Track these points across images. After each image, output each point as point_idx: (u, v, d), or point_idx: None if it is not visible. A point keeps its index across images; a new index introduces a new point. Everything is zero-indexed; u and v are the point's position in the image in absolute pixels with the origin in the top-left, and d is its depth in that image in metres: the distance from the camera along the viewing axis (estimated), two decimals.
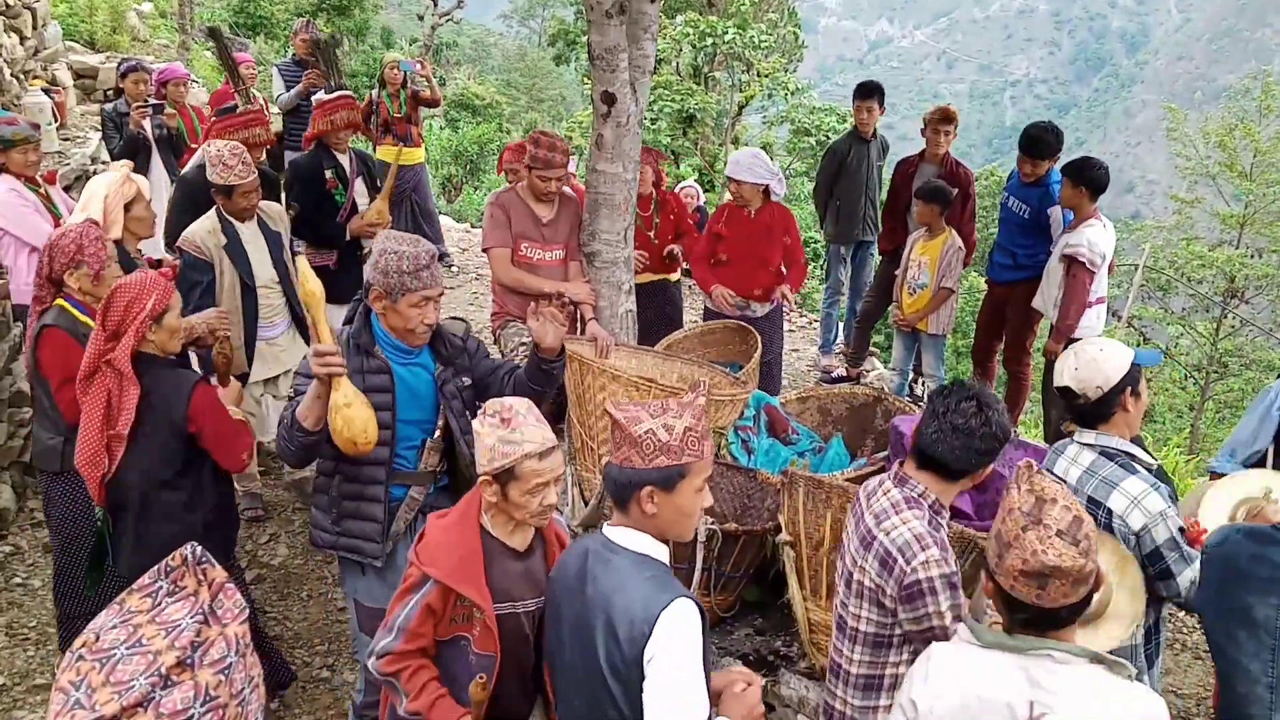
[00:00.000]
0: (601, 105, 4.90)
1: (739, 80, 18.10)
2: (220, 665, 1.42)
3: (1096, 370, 3.13)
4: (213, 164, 4.89)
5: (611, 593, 2.28)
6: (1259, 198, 18.47)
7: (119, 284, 3.44)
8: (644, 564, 2.32)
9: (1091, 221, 5.51)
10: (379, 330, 3.34)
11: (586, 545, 2.45)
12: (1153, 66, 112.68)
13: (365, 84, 18.39)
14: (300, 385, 3.24)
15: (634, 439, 2.28)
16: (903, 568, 2.61)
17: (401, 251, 3.21)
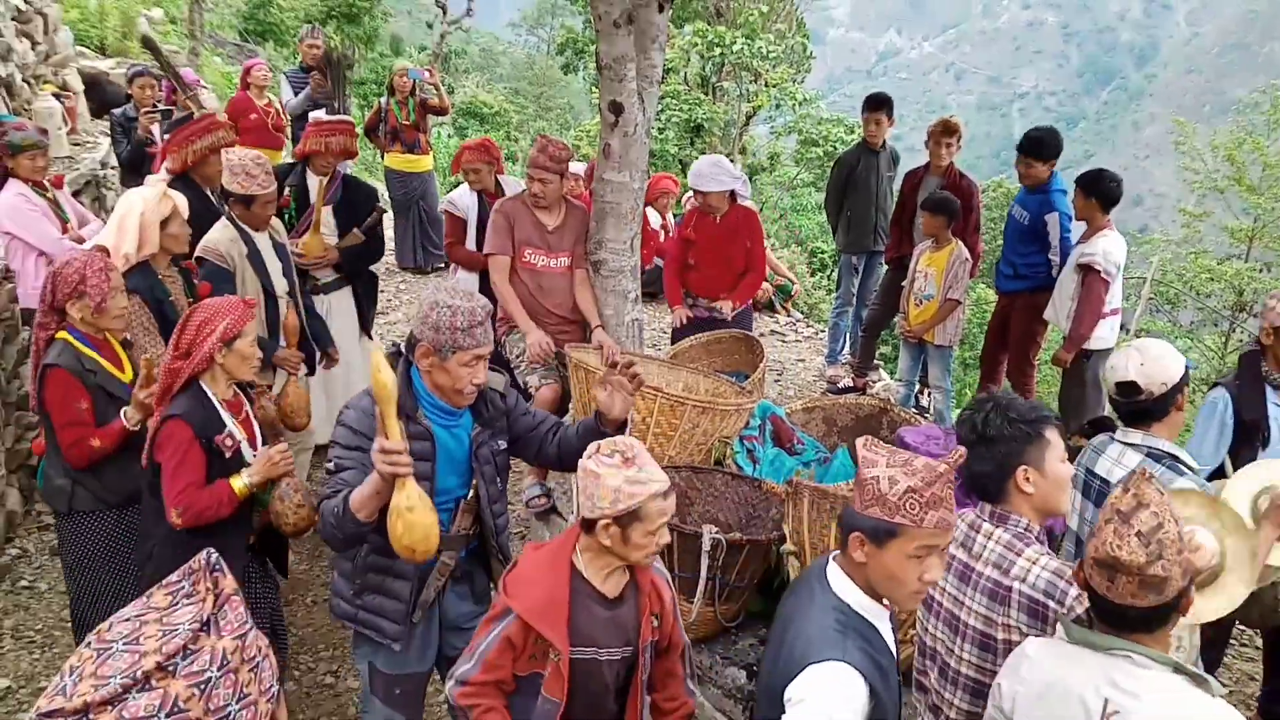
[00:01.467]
0: (609, 114, 4.91)
1: (747, 90, 18.14)
2: (197, 679, 1.39)
3: (1163, 367, 3.13)
4: (234, 173, 4.84)
5: (795, 617, 2.30)
6: (1268, 212, 18.41)
7: (196, 307, 3.40)
8: (836, 610, 2.25)
9: (1105, 232, 5.53)
10: (421, 390, 3.08)
11: (821, 562, 2.41)
12: (1161, 79, 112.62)
13: (374, 91, 18.48)
14: (343, 460, 2.95)
15: (860, 480, 2.24)
16: (1056, 609, 2.47)
17: (455, 306, 2.92)
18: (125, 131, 7.50)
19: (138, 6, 13.47)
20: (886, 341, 9.98)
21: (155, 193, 4.38)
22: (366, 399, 2.95)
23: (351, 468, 2.90)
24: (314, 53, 8.80)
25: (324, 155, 5.75)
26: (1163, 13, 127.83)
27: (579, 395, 4.74)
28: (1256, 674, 4.61)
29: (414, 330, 2.99)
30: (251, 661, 1.48)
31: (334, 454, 2.97)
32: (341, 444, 2.97)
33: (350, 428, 2.99)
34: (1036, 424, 2.60)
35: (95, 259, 3.81)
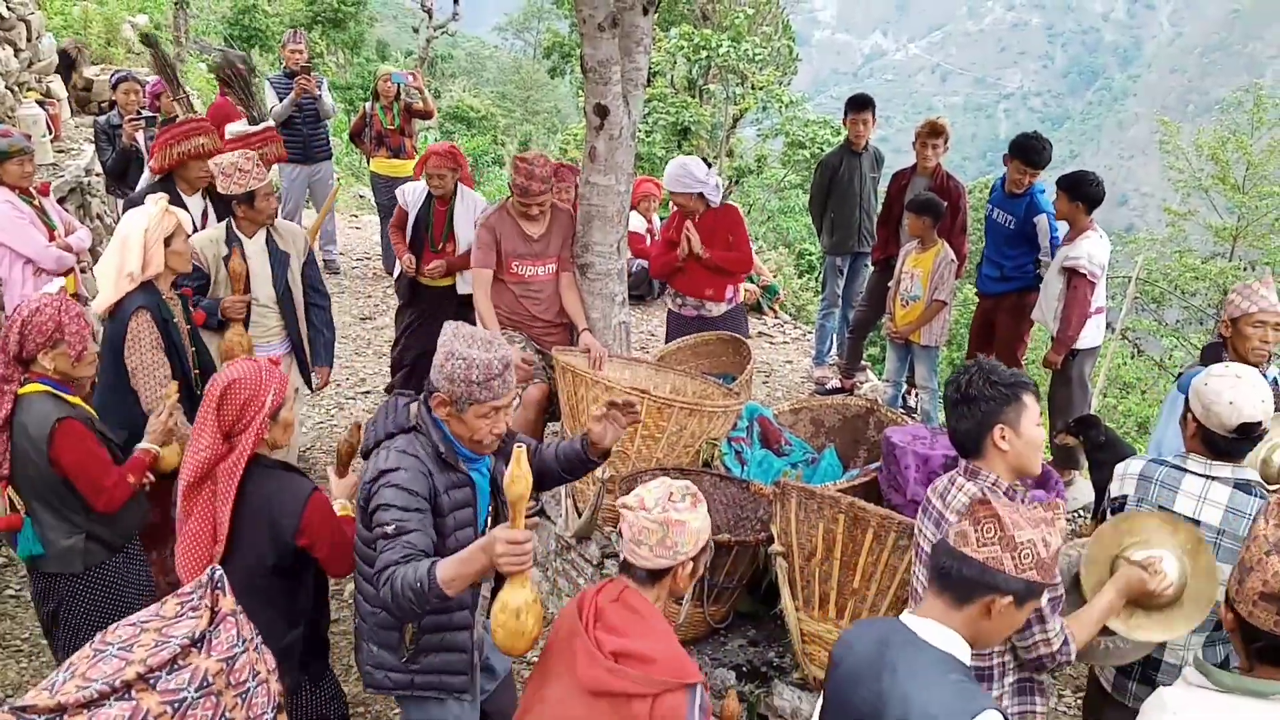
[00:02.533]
0: (594, 118, 4.92)
1: (733, 93, 18.18)
2: (172, 696, 1.38)
3: (1268, 394, 3.03)
4: (227, 175, 4.83)
5: (913, 690, 2.08)
6: (1251, 210, 18.53)
7: (235, 379, 3.01)
8: (949, 664, 2.14)
9: (1089, 233, 5.54)
10: (450, 437, 2.92)
11: (882, 632, 2.26)
12: (1145, 80, 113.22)
13: (360, 96, 18.46)
14: (404, 522, 2.70)
15: (1014, 544, 2.13)
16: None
17: (471, 358, 2.76)
18: (110, 138, 7.47)
19: (122, 13, 13.42)
20: (874, 342, 10.01)
21: (158, 210, 4.24)
22: (411, 459, 2.81)
23: (416, 529, 2.70)
24: (297, 57, 8.78)
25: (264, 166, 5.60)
26: (1146, 13, 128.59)
27: (566, 397, 4.74)
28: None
29: (430, 377, 2.84)
30: (240, 686, 1.46)
31: (390, 516, 2.71)
32: (398, 506, 2.73)
33: (404, 488, 2.76)
34: (1015, 387, 2.75)
35: (68, 303, 3.55)
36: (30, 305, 3.49)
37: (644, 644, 2.39)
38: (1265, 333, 3.98)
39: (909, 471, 4.09)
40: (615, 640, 2.40)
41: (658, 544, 2.44)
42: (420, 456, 2.83)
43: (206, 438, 2.98)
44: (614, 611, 2.46)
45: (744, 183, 18.86)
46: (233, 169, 4.83)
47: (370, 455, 2.95)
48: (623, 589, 2.50)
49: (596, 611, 2.47)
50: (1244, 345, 4.02)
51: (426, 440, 2.87)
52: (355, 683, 4.56)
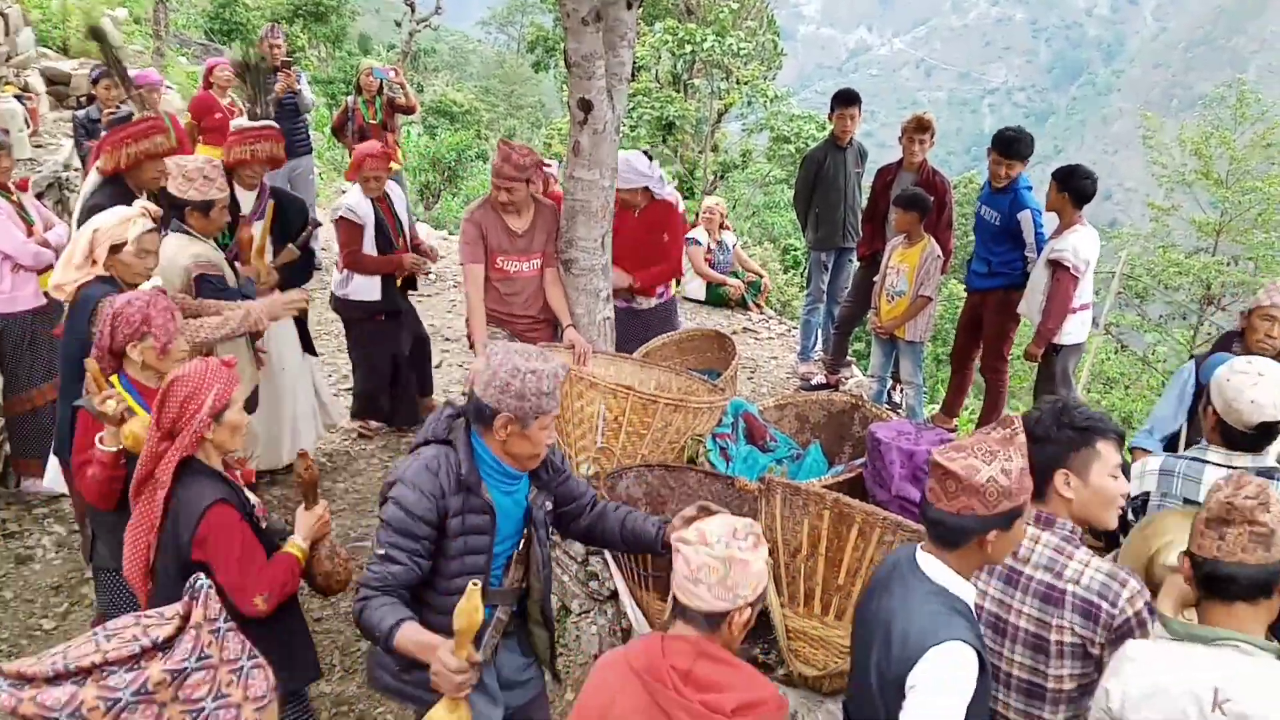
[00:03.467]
0: (578, 112, 4.89)
1: (718, 88, 18.16)
2: (107, 694, 1.36)
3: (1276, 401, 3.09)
4: (189, 179, 4.65)
5: (900, 609, 2.37)
6: (1235, 205, 18.64)
7: (177, 376, 2.97)
8: (939, 596, 2.36)
9: (1076, 227, 5.56)
10: (486, 459, 2.84)
11: (900, 556, 2.52)
12: (1129, 74, 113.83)
13: (342, 90, 18.37)
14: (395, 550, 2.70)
15: (976, 488, 2.29)
16: (1109, 611, 2.52)
17: (540, 371, 2.73)
18: (89, 133, 7.40)
19: (101, 6, 13.32)
20: (859, 338, 10.02)
21: (118, 216, 4.11)
22: (429, 477, 2.75)
23: (402, 563, 2.68)
24: (276, 52, 8.72)
25: (251, 164, 5.46)
26: (1130, 8, 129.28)
27: None
28: None
29: (489, 401, 2.73)
30: (192, 703, 1.42)
31: (384, 537, 2.71)
32: (395, 528, 2.71)
33: (407, 510, 2.72)
34: (1087, 432, 2.64)
35: (158, 298, 3.57)
36: (122, 298, 3.55)
37: (750, 690, 2.29)
38: (1273, 327, 4.10)
39: (894, 467, 4.08)
40: (724, 697, 2.26)
41: (717, 583, 2.28)
42: (440, 473, 2.77)
43: (150, 435, 2.98)
44: (703, 669, 2.29)
45: (729, 178, 18.86)
46: (197, 174, 4.65)
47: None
48: (695, 644, 2.31)
49: (682, 676, 2.28)
50: (1251, 336, 4.17)
51: (454, 458, 2.80)
52: (339, 681, 4.54)
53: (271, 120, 5.87)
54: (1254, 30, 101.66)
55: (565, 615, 4.95)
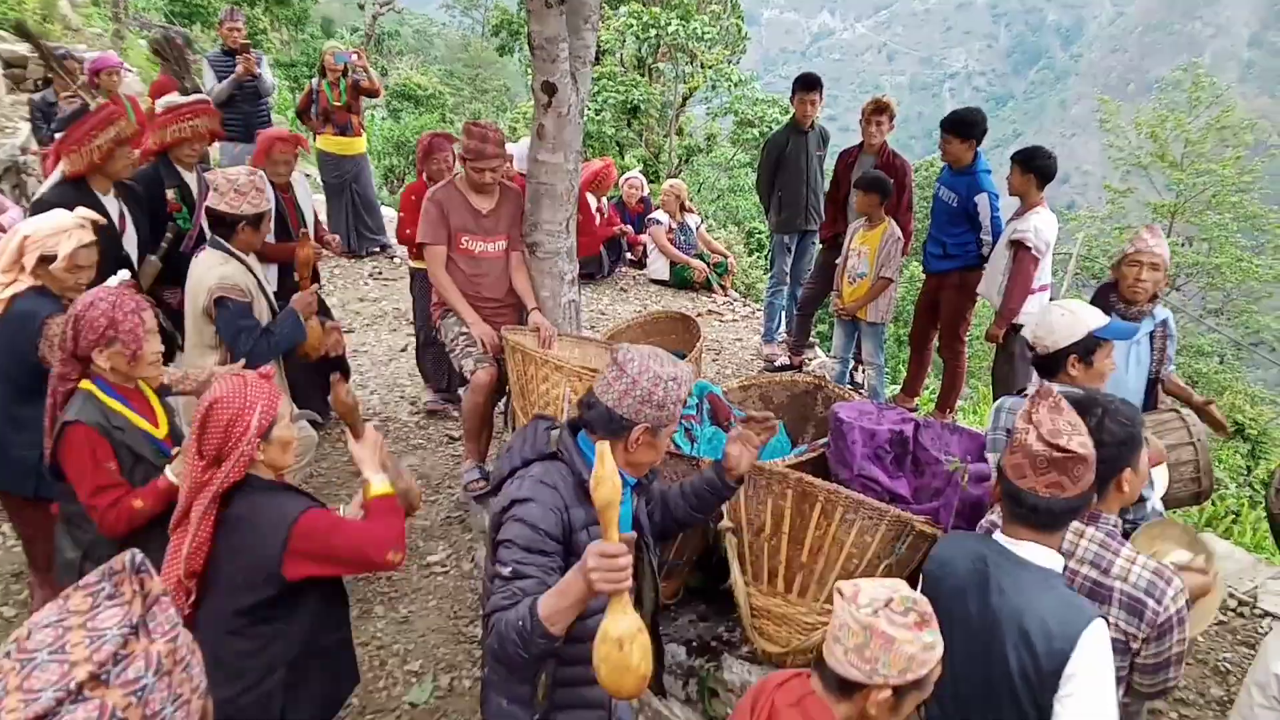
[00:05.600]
0: (542, 95, 4.89)
1: (683, 72, 18.16)
2: (134, 686, 1.35)
3: (1050, 329, 3.40)
4: (242, 192, 4.33)
5: (1025, 604, 2.32)
6: (1189, 187, 18.94)
7: (216, 398, 2.69)
8: (1054, 579, 2.38)
9: (1038, 209, 5.63)
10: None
11: (979, 550, 2.46)
12: (1087, 59, 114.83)
13: (305, 74, 18.17)
14: (524, 565, 2.42)
15: (1091, 461, 2.33)
16: (1155, 609, 2.51)
17: (680, 378, 2.58)
18: (45, 117, 7.30)
19: None
20: (822, 320, 10.10)
21: (53, 224, 3.82)
22: (548, 491, 2.54)
23: (533, 576, 2.41)
24: (235, 35, 8.62)
25: (191, 142, 5.26)
26: None
27: (515, 377, 4.74)
28: None
29: (626, 413, 2.54)
30: (183, 662, 1.44)
31: (509, 555, 2.45)
32: (520, 545, 2.45)
33: (532, 526, 2.47)
34: (1138, 426, 2.71)
35: (125, 297, 3.27)
36: (85, 300, 3.24)
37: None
38: (1140, 271, 4.36)
39: (856, 447, 4.14)
40: None
41: (854, 650, 2.06)
42: (559, 488, 2.56)
43: (190, 464, 2.70)
44: (788, 717, 2.17)
45: (694, 161, 18.88)
46: (249, 186, 4.36)
47: (502, 484, 2.69)
48: (805, 694, 2.17)
49: (771, 712, 2.19)
50: (1122, 283, 4.43)
51: (569, 470, 2.60)
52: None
53: (202, 95, 5.76)
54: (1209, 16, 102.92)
55: None
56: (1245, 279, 18.37)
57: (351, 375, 6.77)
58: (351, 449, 3.04)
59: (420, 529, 5.58)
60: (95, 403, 3.24)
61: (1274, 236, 19.15)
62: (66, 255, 3.80)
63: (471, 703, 4.41)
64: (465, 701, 4.42)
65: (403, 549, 2.84)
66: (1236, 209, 18.85)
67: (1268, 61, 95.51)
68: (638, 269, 10.10)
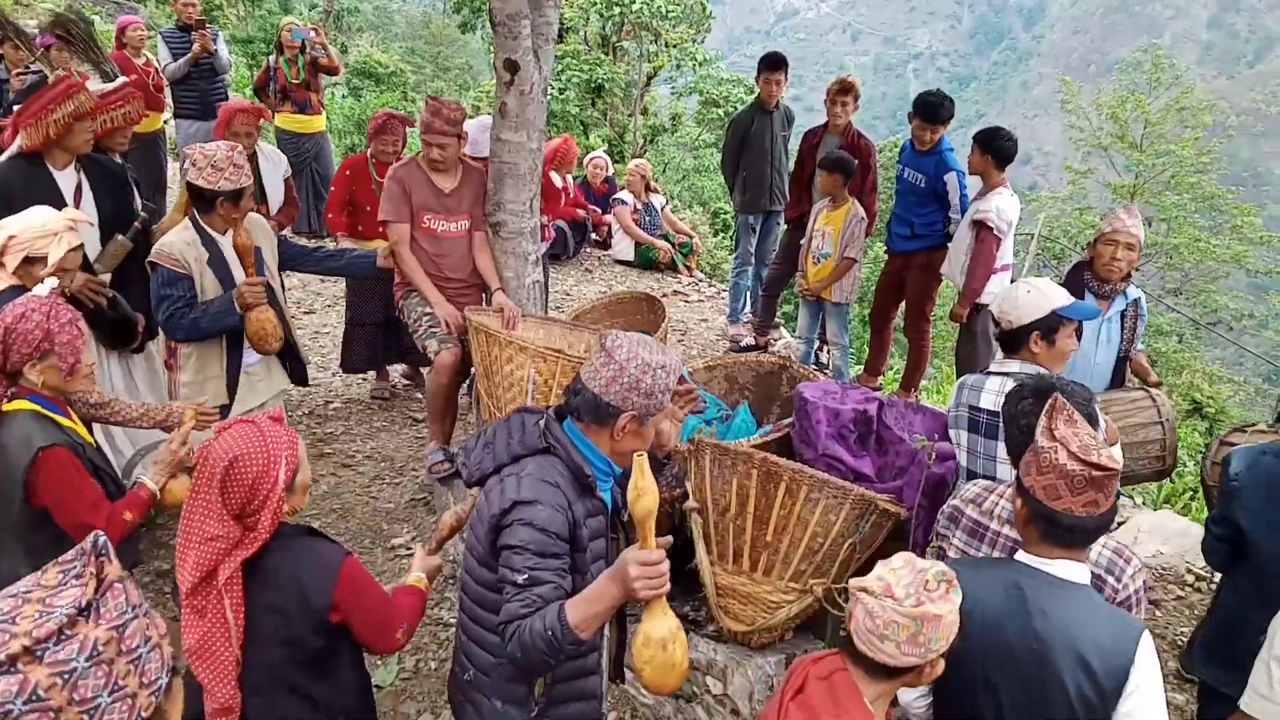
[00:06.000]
0: (504, 73, 4.84)
1: (647, 51, 18.08)
2: (63, 668, 1.33)
3: (1015, 305, 3.43)
4: (220, 168, 4.23)
5: (1075, 626, 2.27)
6: (1149, 168, 19.15)
7: (236, 456, 2.45)
8: (1091, 594, 2.36)
9: (1000, 190, 5.67)
10: (590, 456, 2.58)
11: (1009, 576, 2.39)
12: (1049, 40, 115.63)
13: (263, 50, 17.88)
14: (540, 572, 2.37)
15: (1103, 484, 2.27)
16: (1114, 586, 2.58)
17: (668, 366, 2.53)
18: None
19: None
20: (787, 300, 10.12)
21: (42, 224, 3.67)
22: (549, 489, 2.48)
23: (549, 581, 2.37)
24: (190, 11, 8.45)
25: (124, 129, 5.13)
26: None
27: (479, 358, 4.70)
28: None
29: (613, 400, 2.49)
30: (132, 653, 1.41)
31: (522, 562, 2.38)
32: (532, 550, 2.39)
33: (542, 530, 2.41)
34: (1094, 406, 2.77)
35: (59, 309, 3.05)
36: (14, 310, 3.01)
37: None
38: (1116, 250, 4.44)
39: (820, 426, 4.16)
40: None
41: (908, 640, 2.12)
42: (559, 484, 2.51)
43: (214, 524, 2.43)
44: (817, 690, 2.22)
45: (658, 141, 18.82)
46: (227, 162, 4.25)
47: (485, 481, 2.62)
48: (836, 670, 2.23)
49: (804, 681, 2.25)
50: (1098, 262, 4.49)
51: (563, 463, 2.55)
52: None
53: (122, 79, 5.60)
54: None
55: None
56: (1203, 259, 18.63)
57: (309, 361, 6.71)
58: (417, 554, 2.95)
59: (385, 512, 5.55)
60: (51, 424, 3.05)
61: (1231, 217, 19.43)
62: (56, 262, 3.64)
63: (437, 684, 4.40)
64: (431, 683, 4.41)
65: (411, 634, 2.74)
66: (1195, 190, 19.09)
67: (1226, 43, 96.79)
68: (603, 250, 10.07)
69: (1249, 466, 3.13)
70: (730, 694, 3.87)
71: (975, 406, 3.47)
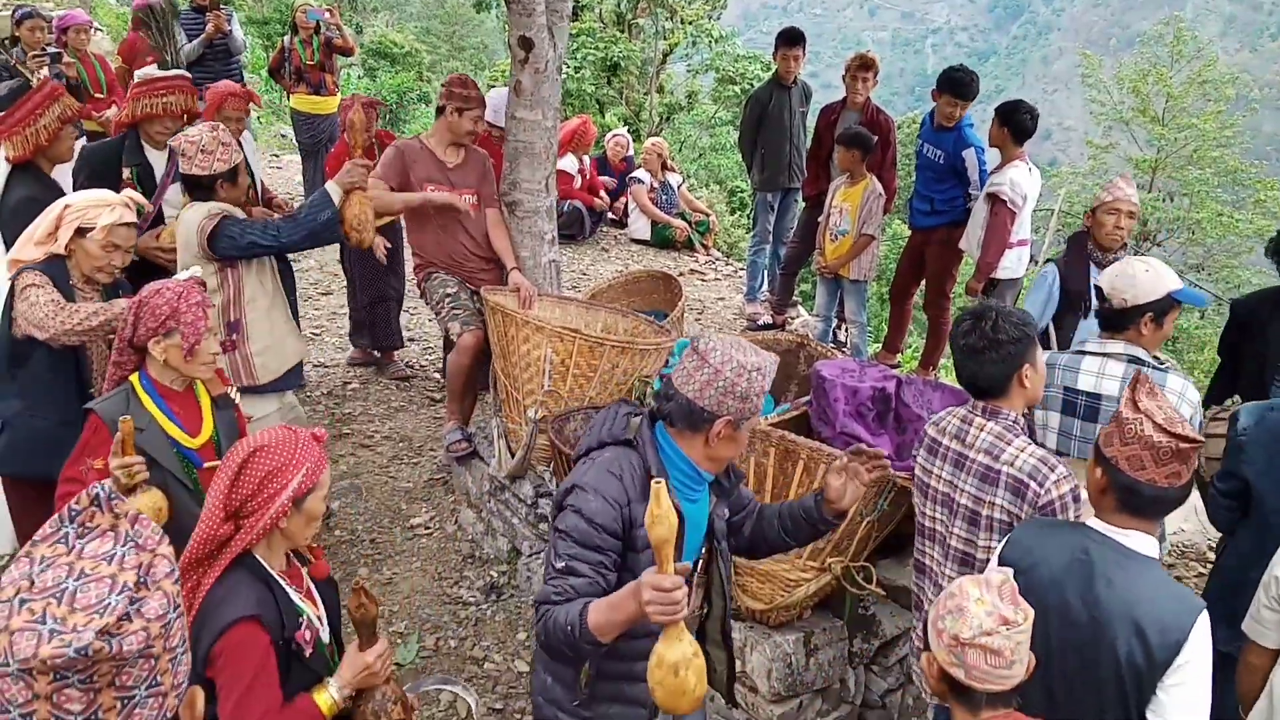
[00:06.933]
0: (519, 51, 4.82)
1: (663, 28, 17.95)
2: (172, 578, 1.44)
3: (1132, 283, 3.38)
4: (208, 151, 4.20)
5: (1138, 595, 2.31)
6: (1170, 142, 18.93)
7: (260, 445, 2.36)
8: (1157, 567, 2.39)
9: (1016, 163, 5.63)
10: (676, 460, 2.51)
11: (1078, 540, 2.44)
12: (1069, 13, 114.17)
13: (278, 31, 17.88)
14: (578, 562, 2.38)
15: (1185, 454, 2.31)
16: (1036, 490, 2.76)
17: (764, 368, 2.44)
18: (11, 75, 7.14)
19: None
20: (805, 278, 10.08)
21: (96, 196, 3.68)
22: (613, 482, 2.45)
23: (585, 575, 2.37)
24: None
25: (162, 119, 4.95)
26: None
27: (496, 338, 4.70)
28: None
29: (707, 404, 2.40)
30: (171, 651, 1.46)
31: (564, 549, 2.39)
32: (575, 538, 2.39)
33: (590, 520, 2.39)
34: (1031, 327, 2.91)
35: (190, 290, 3.15)
36: (152, 287, 3.12)
37: None
38: (1119, 219, 4.43)
39: (838, 404, 4.14)
40: None
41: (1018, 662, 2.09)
42: (624, 478, 2.47)
43: (210, 513, 2.34)
44: None
45: (675, 119, 18.72)
46: (214, 143, 4.22)
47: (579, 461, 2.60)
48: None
49: None
50: (1100, 231, 4.48)
51: (639, 461, 2.50)
52: None
53: (183, 69, 5.49)
54: None
55: (516, 556, 4.99)
56: (1226, 234, 18.43)
57: (327, 342, 6.73)
58: (348, 652, 2.54)
59: (404, 491, 5.57)
60: (127, 398, 3.10)
61: (1254, 191, 19.20)
62: (105, 227, 3.65)
63: (457, 662, 4.43)
64: (451, 661, 4.44)
65: None
66: (1217, 164, 18.87)
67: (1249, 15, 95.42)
68: (619, 229, 10.04)
69: (1257, 421, 3.18)
70: (749, 672, 3.88)
71: (1071, 388, 3.45)
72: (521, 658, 4.48)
